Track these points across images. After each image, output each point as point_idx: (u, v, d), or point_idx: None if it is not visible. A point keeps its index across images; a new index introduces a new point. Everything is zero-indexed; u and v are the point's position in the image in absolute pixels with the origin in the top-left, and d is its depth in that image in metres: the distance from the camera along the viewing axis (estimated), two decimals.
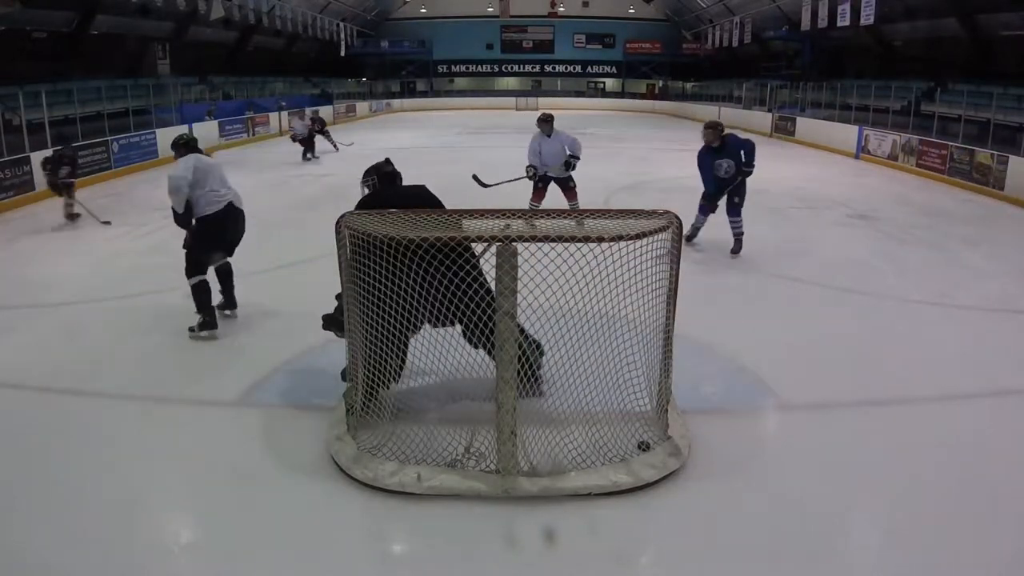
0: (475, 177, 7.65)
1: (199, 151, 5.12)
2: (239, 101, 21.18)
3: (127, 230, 8.19)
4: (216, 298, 4.97)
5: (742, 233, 6.91)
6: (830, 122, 17.90)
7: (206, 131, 16.55)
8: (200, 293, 4.80)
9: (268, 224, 7.56)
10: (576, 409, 3.25)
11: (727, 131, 6.86)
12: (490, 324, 3.05)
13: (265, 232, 7.61)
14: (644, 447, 3.21)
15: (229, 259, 5.14)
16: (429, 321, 3.40)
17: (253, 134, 19.17)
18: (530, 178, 7.48)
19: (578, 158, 7.43)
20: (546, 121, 7.44)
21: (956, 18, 17.08)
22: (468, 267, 3.06)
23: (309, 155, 14.84)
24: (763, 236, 7.97)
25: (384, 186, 3.91)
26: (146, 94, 16.04)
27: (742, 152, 6.69)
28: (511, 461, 3.00)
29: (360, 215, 3.23)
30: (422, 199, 3.79)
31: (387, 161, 4.02)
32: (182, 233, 4.91)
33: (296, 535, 2.78)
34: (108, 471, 3.22)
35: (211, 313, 4.84)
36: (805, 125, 19.04)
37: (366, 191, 3.92)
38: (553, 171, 7.45)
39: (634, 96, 37.06)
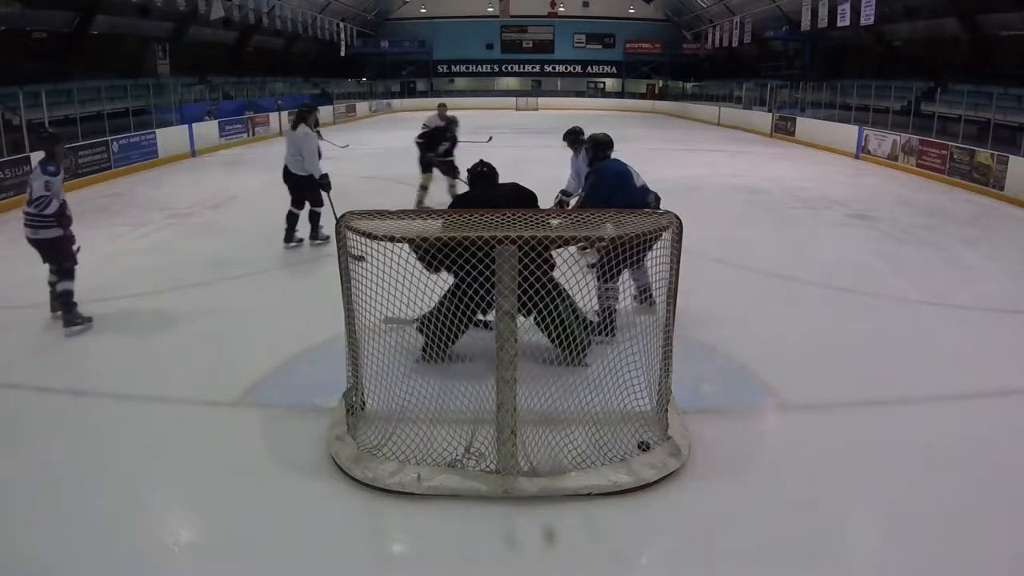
0: None
1: (303, 122, 6.81)
2: (239, 101, 21.15)
3: (127, 230, 8.18)
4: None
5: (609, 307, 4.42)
6: (830, 122, 17.90)
7: (206, 131, 16.54)
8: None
9: (268, 224, 7.55)
10: (576, 409, 3.25)
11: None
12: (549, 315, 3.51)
13: (266, 232, 7.61)
14: (644, 447, 3.21)
15: (298, 209, 7.14)
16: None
17: (253, 134, 19.15)
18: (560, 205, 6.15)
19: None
20: (569, 135, 6.21)
21: (956, 18, 17.09)
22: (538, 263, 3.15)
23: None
24: (763, 236, 7.98)
25: (474, 186, 4.34)
26: (146, 94, 16.03)
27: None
28: (511, 461, 3.00)
29: (360, 215, 3.23)
30: (511, 196, 4.04)
31: (480, 163, 4.34)
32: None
33: (296, 535, 2.78)
34: (108, 471, 3.22)
35: (287, 231, 7.03)
36: (805, 125, 19.05)
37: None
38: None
39: (634, 96, 37.06)
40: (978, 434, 3.59)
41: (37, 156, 10.45)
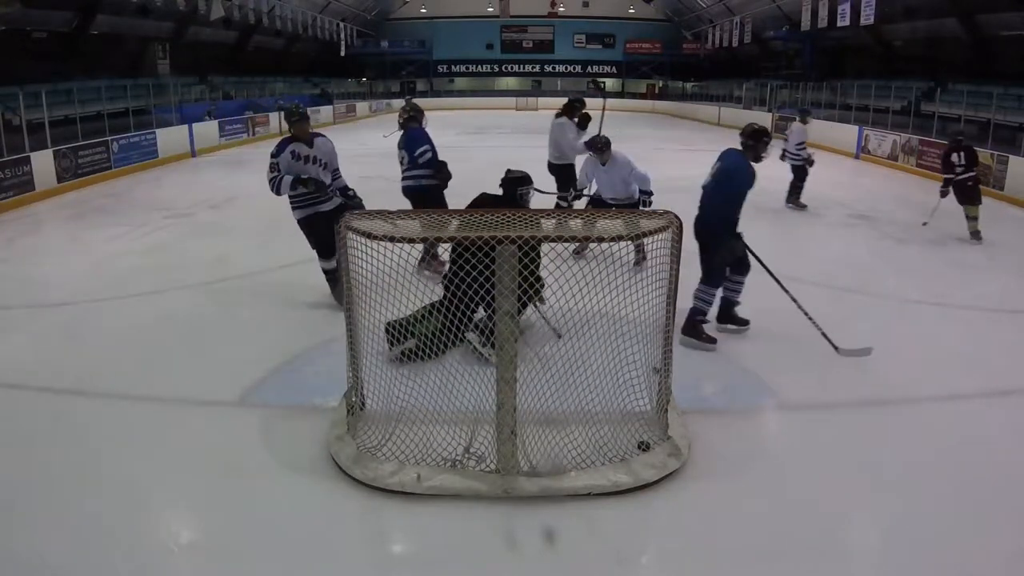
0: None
1: (564, 116, 7.52)
2: (239, 101, 21.18)
3: (127, 230, 8.18)
4: None
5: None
6: (830, 122, 17.89)
7: (206, 131, 16.54)
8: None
9: (269, 224, 7.56)
10: (576, 409, 3.25)
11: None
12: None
13: (266, 232, 7.62)
14: (644, 447, 3.21)
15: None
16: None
17: (253, 134, 19.15)
18: (562, 202, 6.29)
19: (651, 193, 6.14)
20: (602, 148, 6.14)
21: (956, 18, 17.09)
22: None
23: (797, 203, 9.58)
24: (763, 235, 7.96)
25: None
26: (146, 94, 16.02)
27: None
28: (511, 461, 3.00)
29: (360, 215, 3.23)
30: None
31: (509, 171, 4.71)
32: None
33: (296, 535, 2.78)
34: (108, 471, 3.22)
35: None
36: None
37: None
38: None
39: (634, 96, 37.04)
40: (978, 434, 3.59)
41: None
